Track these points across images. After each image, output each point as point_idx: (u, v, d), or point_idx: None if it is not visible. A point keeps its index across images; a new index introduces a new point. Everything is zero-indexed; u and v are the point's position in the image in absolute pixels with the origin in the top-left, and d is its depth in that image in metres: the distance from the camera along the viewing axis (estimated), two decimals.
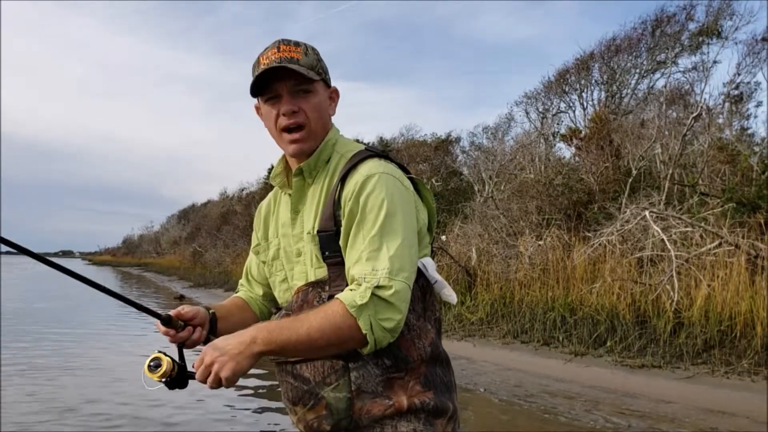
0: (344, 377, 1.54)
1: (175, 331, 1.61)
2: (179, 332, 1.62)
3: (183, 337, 1.62)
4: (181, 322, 1.62)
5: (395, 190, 1.57)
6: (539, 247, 11.25)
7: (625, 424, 5.70)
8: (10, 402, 6.31)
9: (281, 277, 1.75)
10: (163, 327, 1.61)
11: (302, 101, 1.62)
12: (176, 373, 1.52)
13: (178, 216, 60.20)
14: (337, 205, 1.57)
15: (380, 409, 1.54)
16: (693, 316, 7.83)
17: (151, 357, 1.51)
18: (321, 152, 1.67)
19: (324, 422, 1.56)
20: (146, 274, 44.41)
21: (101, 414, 6.01)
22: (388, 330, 1.45)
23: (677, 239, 8.97)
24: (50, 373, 7.95)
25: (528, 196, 13.20)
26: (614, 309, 8.71)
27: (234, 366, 1.41)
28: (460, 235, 14.02)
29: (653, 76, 18.84)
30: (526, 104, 21.36)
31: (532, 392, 7.01)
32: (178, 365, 1.53)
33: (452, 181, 20.18)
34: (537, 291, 10.33)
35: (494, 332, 10.41)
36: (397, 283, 1.45)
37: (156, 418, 5.88)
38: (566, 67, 20.26)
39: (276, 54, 1.61)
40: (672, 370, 7.33)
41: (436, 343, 1.65)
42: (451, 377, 1.70)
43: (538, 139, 18.65)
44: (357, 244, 1.52)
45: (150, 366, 1.50)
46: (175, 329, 1.61)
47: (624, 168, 12.94)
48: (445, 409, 1.61)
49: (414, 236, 1.58)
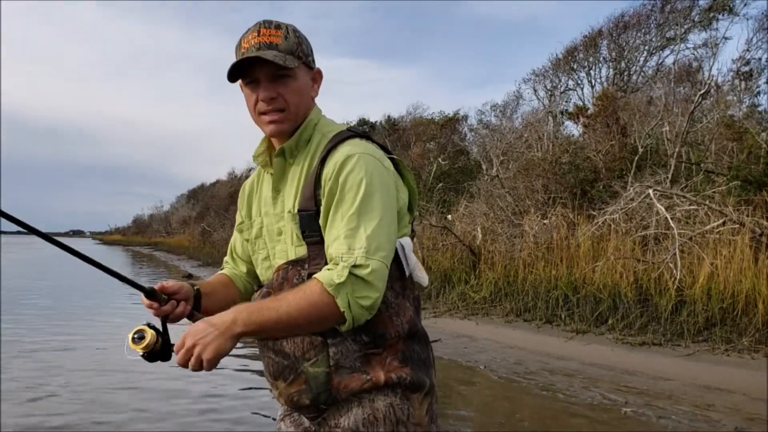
0: (323, 353, 1.58)
1: (158, 304, 1.64)
2: (162, 306, 1.64)
3: (166, 310, 1.65)
4: (164, 296, 1.65)
5: (374, 170, 1.59)
6: (544, 225, 11.25)
7: (622, 400, 5.75)
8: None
9: (263, 255, 1.78)
10: (147, 300, 1.63)
11: (281, 86, 1.63)
12: (159, 346, 1.55)
13: (187, 196, 60.42)
14: (317, 185, 1.60)
15: (358, 383, 1.58)
16: (695, 294, 7.84)
17: (135, 329, 1.53)
18: (302, 132, 1.68)
19: (303, 396, 1.61)
20: (156, 253, 44.69)
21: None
22: (365, 308, 1.48)
23: (681, 217, 8.95)
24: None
25: (534, 175, 13.16)
26: (617, 287, 8.73)
27: (216, 347, 1.43)
28: (466, 214, 14.02)
29: (662, 53, 18.68)
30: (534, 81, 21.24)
31: (531, 369, 7.07)
32: (162, 339, 1.56)
33: (459, 160, 20.11)
34: (541, 270, 10.35)
35: (497, 311, 10.46)
36: (374, 262, 1.48)
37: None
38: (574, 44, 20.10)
39: (256, 38, 1.62)
40: (672, 348, 7.36)
41: (414, 320, 1.68)
42: (429, 354, 1.74)
43: (545, 116, 18.54)
44: (335, 223, 1.55)
45: (134, 338, 1.52)
46: (159, 302, 1.64)
47: (630, 146, 12.87)
48: (422, 384, 1.65)
49: (393, 216, 1.60)
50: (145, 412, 5.44)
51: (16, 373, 6.68)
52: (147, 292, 1.62)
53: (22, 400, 5.68)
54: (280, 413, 1.81)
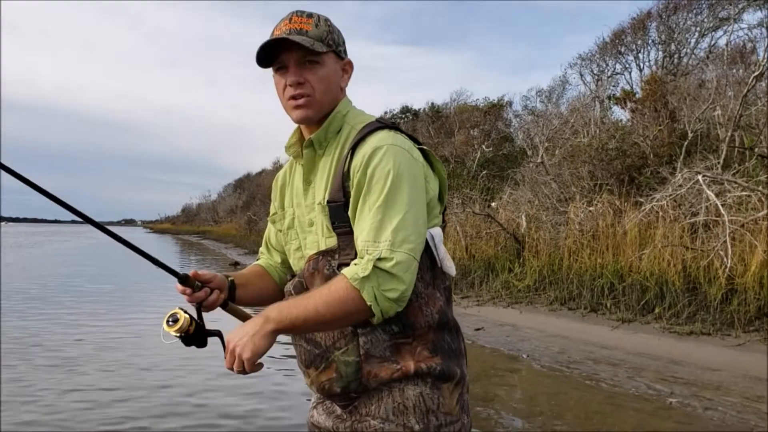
0: (353, 342, 1.60)
1: (191, 290, 1.68)
2: (196, 292, 1.69)
3: (199, 297, 1.69)
4: (198, 283, 1.69)
5: (402, 161, 1.59)
6: (590, 213, 11.07)
7: (667, 390, 5.64)
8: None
9: (296, 245, 1.80)
10: (180, 285, 1.68)
11: (308, 72, 1.64)
12: (193, 330, 1.59)
13: (234, 185, 61.41)
14: (346, 177, 1.61)
15: (388, 372, 1.59)
16: (746, 283, 7.62)
17: (170, 312, 1.58)
18: (330, 123, 1.70)
19: (335, 384, 1.63)
20: (204, 241, 45.58)
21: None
22: (392, 300, 1.48)
23: (732, 204, 8.69)
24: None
25: (580, 161, 12.95)
26: (664, 275, 8.54)
27: (252, 347, 1.47)
28: (510, 201, 13.90)
29: (714, 34, 18.08)
30: (580, 66, 20.89)
31: (575, 359, 6.99)
32: (195, 323, 1.60)
33: (503, 147, 19.91)
34: (586, 258, 10.20)
35: (541, 299, 10.36)
36: (399, 254, 1.48)
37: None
38: (622, 27, 19.64)
39: (287, 25, 1.64)
40: (722, 338, 7.18)
41: (444, 310, 1.68)
42: (460, 344, 1.73)
43: (592, 102, 18.18)
44: (363, 215, 1.56)
45: (168, 321, 1.57)
46: (192, 288, 1.68)
47: (680, 131, 12.53)
48: (452, 374, 1.65)
49: (421, 207, 1.60)
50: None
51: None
52: (180, 277, 1.67)
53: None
54: (312, 401, 1.84)
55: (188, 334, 1.58)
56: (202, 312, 1.69)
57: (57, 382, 5.99)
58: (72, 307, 11.05)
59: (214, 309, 1.74)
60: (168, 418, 5.06)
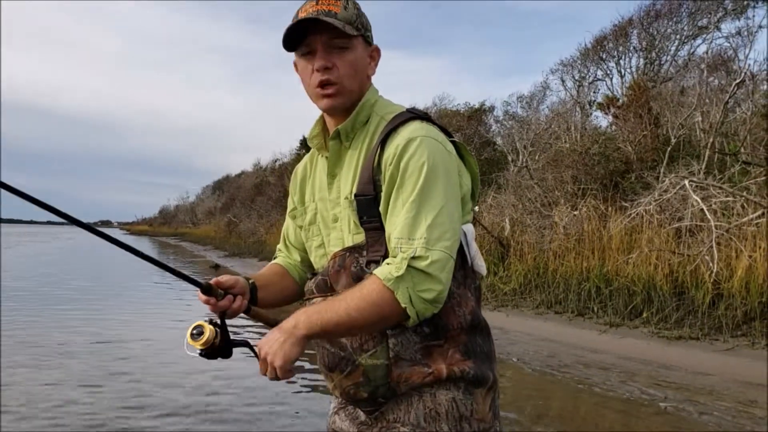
0: (382, 344, 1.51)
1: (215, 300, 1.58)
2: (219, 301, 1.59)
3: (224, 305, 1.59)
4: (221, 291, 1.59)
5: (437, 154, 1.50)
6: (574, 217, 11.10)
7: (661, 395, 5.62)
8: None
9: (318, 242, 1.71)
10: (204, 295, 1.58)
11: (336, 57, 1.55)
12: (219, 341, 1.50)
13: (212, 187, 60.92)
14: (376, 170, 1.52)
15: (419, 376, 1.51)
16: (733, 288, 7.66)
17: (194, 325, 1.49)
18: (358, 113, 1.61)
19: (361, 389, 1.54)
20: (183, 243, 45.12)
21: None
22: (429, 301, 1.40)
23: (717, 209, 8.75)
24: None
25: (563, 166, 12.98)
26: (651, 280, 8.57)
27: (283, 354, 1.40)
28: (494, 205, 13.90)
29: (694, 42, 18.30)
30: (562, 72, 20.96)
31: (566, 362, 6.96)
32: (222, 335, 1.51)
33: (485, 152, 19.93)
34: (572, 261, 10.21)
35: (527, 303, 10.35)
36: (435, 252, 1.40)
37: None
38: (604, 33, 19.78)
39: (314, 6, 1.54)
40: (710, 342, 7.21)
41: (476, 311, 1.61)
42: (491, 347, 1.67)
43: (574, 107, 18.29)
44: (395, 211, 1.47)
45: (192, 334, 1.48)
46: (216, 297, 1.58)
47: (663, 137, 12.63)
48: (486, 379, 1.58)
49: (457, 203, 1.52)
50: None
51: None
52: (204, 287, 1.56)
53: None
54: (333, 406, 1.75)
55: (214, 346, 1.50)
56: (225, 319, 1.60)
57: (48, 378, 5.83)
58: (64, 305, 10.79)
59: (237, 315, 1.65)
60: (168, 418, 4.94)
